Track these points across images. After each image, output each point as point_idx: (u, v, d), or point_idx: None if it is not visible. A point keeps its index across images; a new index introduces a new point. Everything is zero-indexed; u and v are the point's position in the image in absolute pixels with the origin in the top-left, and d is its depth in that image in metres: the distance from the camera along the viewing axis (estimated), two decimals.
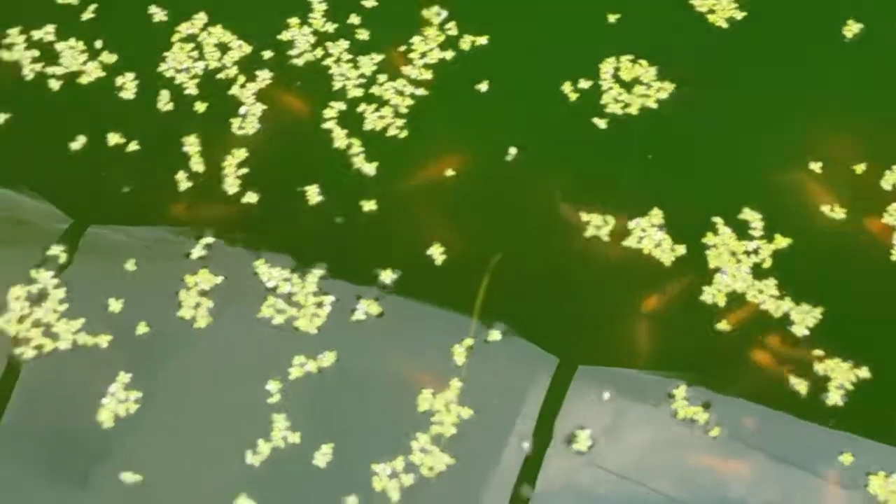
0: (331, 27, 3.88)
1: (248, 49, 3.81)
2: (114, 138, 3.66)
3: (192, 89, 3.74)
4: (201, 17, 3.88)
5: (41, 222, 3.56)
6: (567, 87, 3.73)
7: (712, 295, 3.33)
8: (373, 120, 3.69)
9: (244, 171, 3.61)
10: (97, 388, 3.23)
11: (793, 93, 3.72)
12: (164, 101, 3.72)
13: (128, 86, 3.75)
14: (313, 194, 3.55)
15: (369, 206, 3.53)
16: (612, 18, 3.87)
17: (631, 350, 3.29)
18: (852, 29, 3.81)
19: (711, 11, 3.86)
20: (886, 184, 3.51)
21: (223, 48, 3.83)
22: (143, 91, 3.74)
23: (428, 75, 3.78)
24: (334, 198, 3.56)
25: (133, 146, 3.65)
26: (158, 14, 3.90)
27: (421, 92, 3.75)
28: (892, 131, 3.62)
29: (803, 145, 3.61)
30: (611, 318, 3.34)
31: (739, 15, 3.84)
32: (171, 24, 3.88)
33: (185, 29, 3.86)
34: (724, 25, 3.84)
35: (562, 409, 3.20)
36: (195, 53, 3.81)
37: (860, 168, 3.54)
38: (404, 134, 3.67)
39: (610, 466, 3.12)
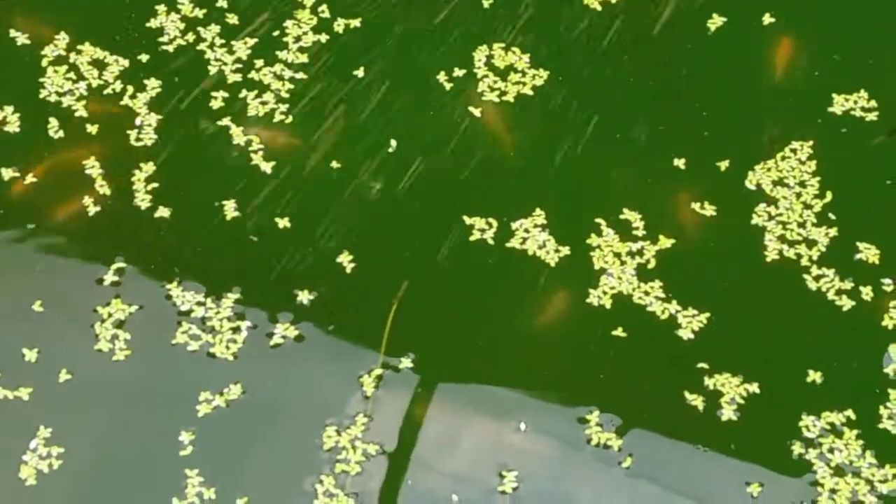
0: (200, 13, 3.87)
1: (125, 62, 3.76)
2: (7, 173, 3.56)
3: (80, 111, 3.67)
4: (63, 38, 3.79)
5: None
6: (442, 76, 3.80)
7: (598, 297, 3.42)
8: (255, 106, 3.71)
9: (154, 185, 3.56)
10: (19, 444, 3.17)
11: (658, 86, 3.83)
12: (55, 129, 3.63)
13: (10, 119, 3.65)
14: (230, 209, 3.53)
15: (283, 223, 3.51)
16: (486, 3, 3.95)
17: (536, 368, 3.33)
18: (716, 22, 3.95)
19: None
20: (750, 183, 3.62)
21: (99, 65, 3.76)
22: (27, 121, 3.65)
23: (304, 59, 3.80)
24: (247, 211, 3.54)
25: (30, 178, 3.55)
26: (20, 38, 3.80)
27: (300, 76, 3.78)
28: (749, 131, 3.75)
29: (667, 142, 3.71)
30: (510, 333, 3.37)
31: None
32: (35, 47, 3.78)
33: (50, 52, 3.77)
34: (599, 9, 3.96)
35: (477, 441, 3.22)
36: (72, 75, 3.73)
37: (724, 165, 3.66)
38: (289, 120, 3.69)
39: None
